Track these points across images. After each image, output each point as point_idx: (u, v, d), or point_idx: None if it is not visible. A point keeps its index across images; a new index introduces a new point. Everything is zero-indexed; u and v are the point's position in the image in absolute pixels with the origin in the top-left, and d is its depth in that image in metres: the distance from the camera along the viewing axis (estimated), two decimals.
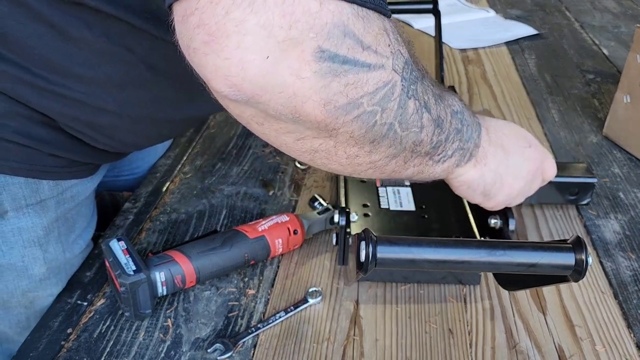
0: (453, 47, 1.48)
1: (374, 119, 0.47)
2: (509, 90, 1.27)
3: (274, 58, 0.40)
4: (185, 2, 0.41)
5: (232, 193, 0.91)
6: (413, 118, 0.50)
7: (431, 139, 0.54)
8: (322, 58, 0.41)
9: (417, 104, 0.50)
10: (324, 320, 0.69)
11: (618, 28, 1.62)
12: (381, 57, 0.45)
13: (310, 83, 0.42)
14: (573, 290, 0.74)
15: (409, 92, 0.48)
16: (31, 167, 0.65)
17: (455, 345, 0.66)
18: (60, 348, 0.65)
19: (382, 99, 0.46)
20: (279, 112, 0.44)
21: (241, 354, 0.65)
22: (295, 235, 0.76)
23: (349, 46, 0.42)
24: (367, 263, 0.53)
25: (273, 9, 0.39)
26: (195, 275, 0.70)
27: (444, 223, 0.79)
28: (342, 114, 0.45)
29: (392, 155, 0.52)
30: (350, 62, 0.42)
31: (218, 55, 0.40)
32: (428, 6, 1.04)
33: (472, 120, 0.61)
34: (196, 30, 0.40)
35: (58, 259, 0.72)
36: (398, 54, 0.46)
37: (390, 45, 0.45)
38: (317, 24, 0.40)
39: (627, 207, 0.89)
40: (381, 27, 0.45)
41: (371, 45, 0.43)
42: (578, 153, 1.03)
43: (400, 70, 0.47)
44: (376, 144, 0.50)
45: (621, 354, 0.65)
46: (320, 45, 0.41)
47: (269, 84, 0.41)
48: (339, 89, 0.43)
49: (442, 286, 0.74)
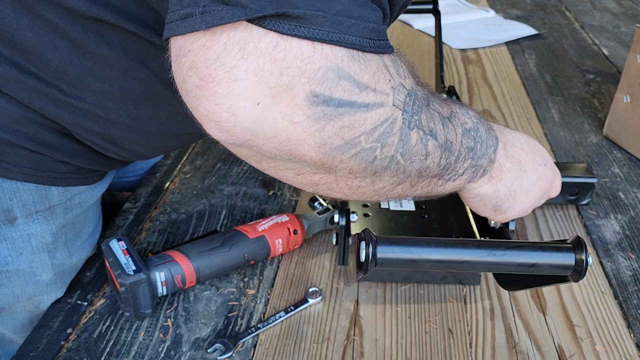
0: (453, 47, 1.48)
1: (374, 155, 0.46)
2: (509, 90, 1.27)
3: (265, 104, 0.40)
4: (180, 40, 0.40)
5: (232, 193, 0.91)
6: (417, 148, 0.49)
7: (439, 163, 0.52)
8: (316, 102, 0.40)
9: (420, 133, 0.48)
10: (324, 320, 0.69)
11: (618, 28, 1.62)
12: (381, 95, 0.43)
13: (303, 127, 0.41)
14: (573, 290, 0.74)
15: (411, 123, 0.47)
16: (42, 174, 0.65)
17: (455, 345, 0.66)
18: (60, 348, 0.65)
19: (381, 135, 0.45)
20: (274, 154, 0.44)
21: (241, 354, 0.65)
22: (295, 235, 0.76)
23: (345, 88, 0.41)
24: (367, 263, 0.53)
25: (264, 55, 0.38)
26: (195, 275, 0.70)
27: (444, 223, 0.79)
28: (338, 154, 0.44)
29: (396, 182, 0.51)
30: (347, 105, 0.41)
31: (209, 100, 0.40)
32: (428, 6, 1.04)
33: (487, 135, 0.58)
34: (189, 73, 0.40)
35: (65, 264, 0.72)
36: (400, 88, 0.45)
37: (391, 80, 0.44)
38: (310, 68, 0.39)
39: (627, 207, 0.89)
40: (380, 64, 0.43)
41: (369, 84, 0.42)
42: (578, 153, 1.03)
43: (401, 104, 0.45)
44: (378, 176, 0.49)
45: (621, 354, 0.65)
46: (313, 90, 0.40)
47: (260, 129, 0.41)
48: (334, 131, 0.42)
49: (442, 286, 0.74)
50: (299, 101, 0.40)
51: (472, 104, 1.20)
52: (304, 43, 0.39)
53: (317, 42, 0.39)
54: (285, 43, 0.39)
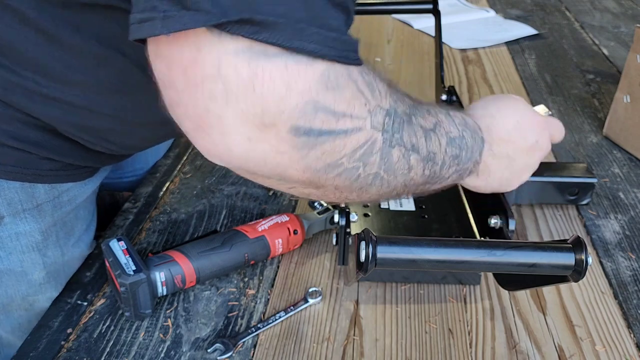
0: (453, 47, 1.48)
1: (357, 173, 0.49)
2: (509, 90, 1.27)
3: (254, 139, 0.44)
4: (170, 90, 0.44)
5: (232, 193, 0.91)
6: (399, 164, 0.52)
7: (422, 174, 0.55)
8: (298, 134, 0.44)
9: (402, 150, 0.51)
10: (324, 320, 0.69)
11: (618, 28, 1.62)
12: (358, 120, 0.46)
13: (290, 156, 0.45)
14: (573, 290, 0.74)
15: (392, 142, 0.50)
16: (26, 172, 0.65)
17: (455, 345, 0.66)
18: (60, 348, 0.65)
19: (362, 155, 0.48)
20: (266, 175, 0.49)
21: (241, 354, 0.65)
22: (295, 235, 0.76)
23: (323, 119, 0.44)
24: (367, 263, 0.53)
25: (245, 100, 0.42)
26: (195, 275, 0.70)
27: (444, 223, 0.79)
28: (323, 174, 0.48)
29: (382, 194, 0.54)
30: (326, 133, 0.45)
31: (205, 140, 0.45)
32: (428, 6, 1.03)
33: (473, 140, 0.60)
34: (183, 119, 0.45)
35: (57, 263, 0.72)
36: (377, 110, 0.48)
37: (367, 104, 0.47)
38: (288, 106, 0.42)
39: (627, 207, 0.89)
40: (354, 90, 0.46)
41: (346, 112, 0.45)
42: (578, 153, 1.03)
43: (380, 126, 0.48)
44: (364, 190, 0.52)
45: (621, 354, 0.65)
46: (293, 124, 0.43)
47: (253, 159, 0.46)
48: (316, 156, 0.46)
49: (442, 286, 0.74)
50: (282, 134, 0.44)
51: None
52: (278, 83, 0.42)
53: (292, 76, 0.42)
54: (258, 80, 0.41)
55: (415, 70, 1.36)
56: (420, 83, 1.29)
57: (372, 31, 1.60)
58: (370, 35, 1.57)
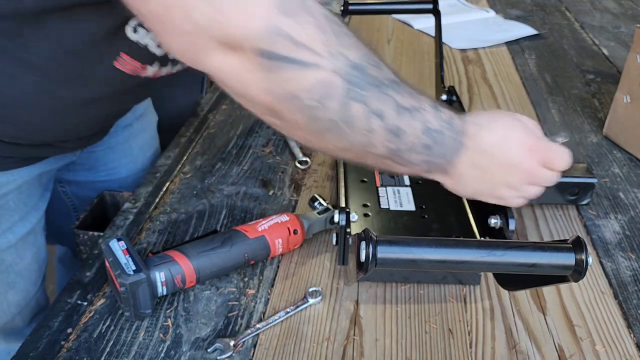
0: (453, 47, 1.48)
1: (315, 113, 0.53)
2: (509, 90, 1.27)
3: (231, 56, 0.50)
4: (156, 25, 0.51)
5: (232, 193, 0.91)
6: (359, 121, 0.54)
7: (384, 145, 0.56)
8: (263, 55, 0.49)
9: (364, 108, 0.53)
10: (324, 320, 0.69)
11: (618, 28, 1.62)
12: (316, 55, 0.49)
13: (255, 74, 0.51)
14: (573, 290, 0.74)
15: (354, 95, 0.52)
16: None
17: (455, 345, 0.66)
18: (60, 348, 0.65)
19: (321, 96, 0.51)
20: (240, 93, 0.54)
21: (241, 353, 0.65)
22: (295, 235, 0.76)
23: (283, 45, 0.49)
24: (367, 263, 0.53)
25: (214, 25, 0.48)
26: (195, 275, 0.70)
27: (444, 223, 0.79)
28: (282, 102, 0.52)
29: (342, 148, 0.57)
30: (286, 60, 0.49)
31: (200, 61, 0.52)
32: (428, 6, 1.03)
33: (451, 140, 0.60)
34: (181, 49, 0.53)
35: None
36: (338, 56, 0.50)
37: (328, 44, 0.50)
38: (251, 30, 0.48)
39: (627, 207, 0.89)
40: (315, 25, 0.49)
41: (305, 42, 0.49)
42: (578, 153, 1.03)
43: (341, 72, 0.51)
44: (322, 136, 0.55)
45: (621, 354, 0.65)
46: (257, 47, 0.49)
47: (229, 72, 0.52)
48: (277, 82, 0.51)
49: (442, 286, 0.74)
50: (249, 55, 0.50)
51: (472, 104, 1.20)
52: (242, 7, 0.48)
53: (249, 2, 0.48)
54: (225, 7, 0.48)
55: (415, 70, 1.36)
56: (421, 83, 1.29)
57: (372, 31, 1.60)
58: (370, 35, 1.57)
